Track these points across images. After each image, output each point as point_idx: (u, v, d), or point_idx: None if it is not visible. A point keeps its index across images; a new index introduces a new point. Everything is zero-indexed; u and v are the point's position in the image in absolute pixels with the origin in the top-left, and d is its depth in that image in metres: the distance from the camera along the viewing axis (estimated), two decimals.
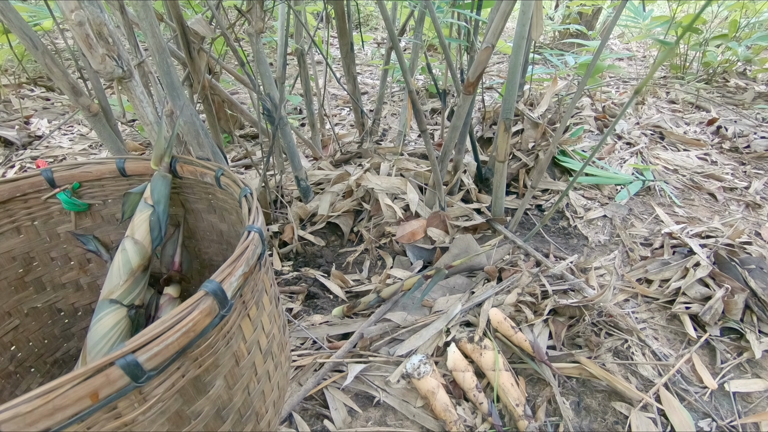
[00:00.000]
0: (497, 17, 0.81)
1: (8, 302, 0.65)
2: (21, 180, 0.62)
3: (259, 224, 0.47)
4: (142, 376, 0.32)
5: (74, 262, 0.72)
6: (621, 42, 3.69)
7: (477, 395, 0.72)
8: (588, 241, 1.17)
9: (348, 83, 1.41)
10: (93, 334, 0.56)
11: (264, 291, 0.50)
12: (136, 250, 0.61)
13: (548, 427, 0.71)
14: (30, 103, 2.15)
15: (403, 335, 0.86)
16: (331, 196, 1.22)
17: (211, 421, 0.41)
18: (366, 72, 2.88)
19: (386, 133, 1.88)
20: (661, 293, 0.96)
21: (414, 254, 1.09)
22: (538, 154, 1.35)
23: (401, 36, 1.52)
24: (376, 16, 4.10)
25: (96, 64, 0.60)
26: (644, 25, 1.94)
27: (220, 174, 0.60)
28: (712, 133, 1.83)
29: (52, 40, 2.07)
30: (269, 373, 0.51)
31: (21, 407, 0.27)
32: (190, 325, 0.35)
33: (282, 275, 1.05)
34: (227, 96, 1.22)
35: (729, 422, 0.72)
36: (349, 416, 0.73)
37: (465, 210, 1.17)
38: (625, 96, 2.24)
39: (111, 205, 0.71)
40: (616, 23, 0.83)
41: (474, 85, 0.90)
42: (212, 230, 0.74)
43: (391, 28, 0.87)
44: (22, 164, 1.62)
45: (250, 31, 0.95)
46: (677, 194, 1.38)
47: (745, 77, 2.51)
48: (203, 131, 0.79)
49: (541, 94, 1.62)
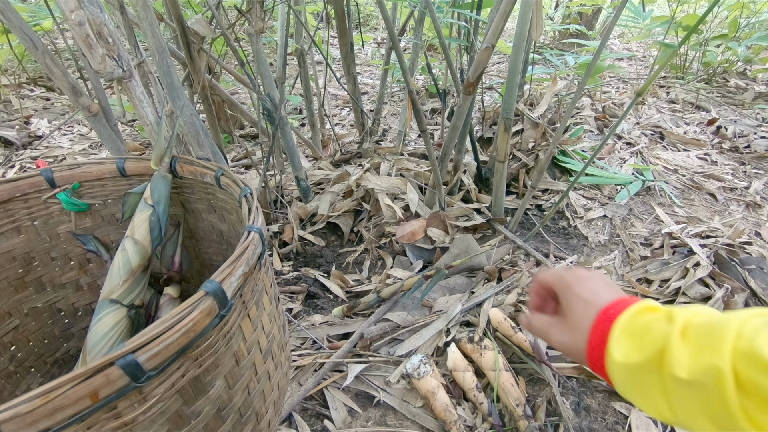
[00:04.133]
0: (497, 17, 0.81)
1: (8, 302, 0.65)
2: (21, 180, 0.62)
3: (259, 224, 0.47)
4: (142, 376, 0.32)
5: (74, 262, 0.72)
6: (621, 42, 3.69)
7: (477, 395, 0.72)
8: (588, 241, 1.17)
9: (348, 83, 1.41)
10: (93, 334, 0.56)
11: (264, 291, 0.50)
12: (136, 250, 0.60)
13: (548, 427, 0.71)
14: (30, 103, 2.15)
15: (403, 335, 0.86)
16: (331, 196, 1.22)
17: (211, 421, 0.41)
18: (366, 72, 2.88)
19: (386, 133, 1.88)
20: (661, 293, 0.96)
21: (414, 254, 1.09)
22: (538, 154, 1.35)
23: (401, 36, 1.53)
24: (376, 16, 4.10)
25: (96, 64, 0.60)
26: (644, 25, 1.94)
27: (220, 174, 0.60)
28: (712, 133, 1.83)
29: (52, 40, 2.07)
30: (269, 373, 0.51)
31: (21, 407, 0.27)
32: (190, 325, 0.34)
33: (282, 275, 1.05)
34: (227, 96, 1.22)
35: None
36: (349, 416, 0.73)
37: (465, 210, 1.17)
38: (625, 96, 2.24)
39: (111, 205, 0.71)
40: (616, 23, 0.83)
41: (474, 85, 0.90)
42: (212, 230, 0.74)
43: (391, 28, 0.87)
44: (22, 164, 1.62)
45: (250, 31, 0.95)
46: (677, 194, 1.38)
47: (745, 77, 2.51)
48: (203, 131, 0.79)
49: (541, 94, 1.62)
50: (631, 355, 0.32)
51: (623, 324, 0.33)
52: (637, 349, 0.32)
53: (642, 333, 0.32)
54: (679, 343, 0.29)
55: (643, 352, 0.31)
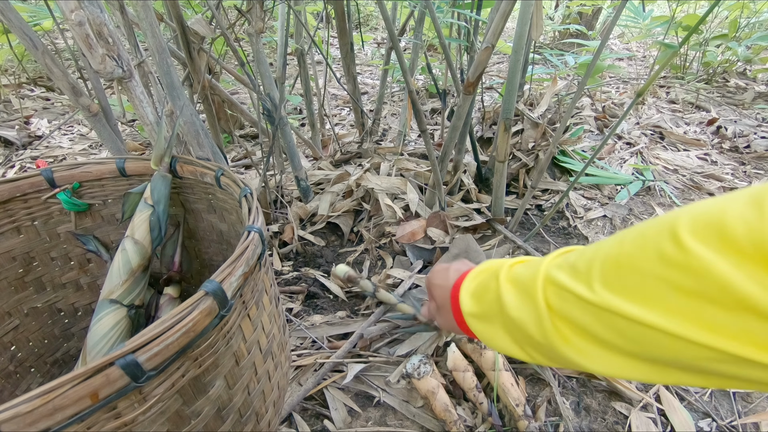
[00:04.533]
0: (497, 17, 0.81)
1: (8, 302, 0.65)
2: (21, 180, 0.62)
3: (259, 224, 0.47)
4: (142, 376, 0.32)
5: (74, 262, 0.72)
6: (621, 42, 3.69)
7: (477, 395, 0.72)
8: (588, 241, 1.17)
9: (348, 83, 1.41)
10: (93, 334, 0.56)
11: (264, 291, 0.50)
12: (136, 250, 0.61)
13: (548, 427, 0.71)
14: (30, 103, 2.15)
15: (403, 335, 0.86)
16: (331, 196, 1.22)
17: (211, 421, 0.41)
18: (366, 72, 2.88)
19: (386, 133, 1.88)
20: None
21: (414, 254, 1.09)
22: (538, 154, 1.35)
23: (401, 36, 1.52)
24: (376, 16, 4.10)
25: (96, 64, 0.60)
26: (644, 25, 1.94)
27: (220, 174, 0.60)
28: (712, 133, 1.83)
29: (52, 40, 2.07)
30: (269, 373, 0.51)
31: (21, 407, 0.27)
32: (190, 325, 0.35)
33: (282, 275, 1.05)
34: (227, 96, 1.22)
35: (729, 422, 0.72)
36: (349, 416, 0.73)
37: (465, 210, 1.17)
38: (625, 96, 2.24)
39: (111, 205, 0.71)
40: (616, 23, 0.83)
41: (474, 85, 0.90)
42: (212, 230, 0.74)
43: (391, 28, 0.87)
44: (22, 164, 1.62)
45: (250, 31, 0.95)
46: (677, 194, 1.38)
47: (745, 77, 2.51)
48: (203, 131, 0.79)
49: (541, 94, 1.62)
50: (475, 309, 0.39)
51: (465, 288, 0.41)
52: (480, 303, 0.39)
53: (480, 291, 0.39)
54: (506, 288, 0.35)
55: (483, 304, 0.38)
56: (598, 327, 0.27)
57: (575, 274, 0.28)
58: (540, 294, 0.30)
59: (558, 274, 0.30)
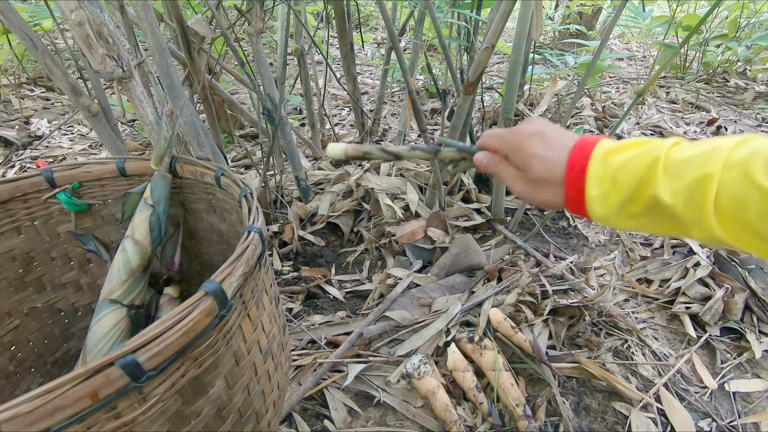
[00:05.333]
0: (497, 17, 0.81)
1: (8, 302, 0.65)
2: (21, 180, 0.62)
3: (259, 224, 0.47)
4: (142, 376, 0.32)
5: (74, 262, 0.72)
6: (621, 42, 3.69)
7: (477, 395, 0.72)
8: (588, 241, 1.17)
9: (348, 83, 1.41)
10: (93, 334, 0.56)
11: (264, 291, 0.50)
12: (136, 250, 0.61)
13: (548, 427, 0.71)
14: (30, 103, 2.15)
15: (403, 335, 0.86)
16: (331, 196, 1.22)
17: (211, 421, 0.41)
18: (366, 72, 2.88)
19: (386, 133, 1.88)
20: (661, 293, 0.96)
21: (414, 254, 1.09)
22: None
23: (401, 36, 1.52)
24: (376, 16, 4.10)
25: (96, 64, 0.60)
26: (644, 25, 1.94)
27: (220, 174, 0.60)
28: (712, 133, 1.83)
29: (52, 40, 2.07)
30: (269, 373, 0.51)
31: (21, 407, 0.27)
32: (190, 325, 0.35)
33: (282, 275, 1.05)
34: (227, 96, 1.22)
35: (729, 422, 0.72)
36: (349, 416, 0.73)
37: (465, 210, 1.17)
38: (625, 96, 2.24)
39: (111, 205, 0.71)
40: (616, 23, 0.83)
41: (474, 85, 0.90)
42: (212, 230, 0.74)
43: (391, 28, 0.87)
44: (22, 164, 1.62)
45: (250, 31, 0.96)
46: None
47: (745, 77, 2.51)
48: (203, 131, 0.79)
49: (541, 94, 1.62)
50: (610, 199, 0.35)
51: (594, 176, 0.36)
52: (616, 192, 0.35)
53: (615, 177, 0.35)
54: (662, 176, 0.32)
55: (620, 193, 0.34)
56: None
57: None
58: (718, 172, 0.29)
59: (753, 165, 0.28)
